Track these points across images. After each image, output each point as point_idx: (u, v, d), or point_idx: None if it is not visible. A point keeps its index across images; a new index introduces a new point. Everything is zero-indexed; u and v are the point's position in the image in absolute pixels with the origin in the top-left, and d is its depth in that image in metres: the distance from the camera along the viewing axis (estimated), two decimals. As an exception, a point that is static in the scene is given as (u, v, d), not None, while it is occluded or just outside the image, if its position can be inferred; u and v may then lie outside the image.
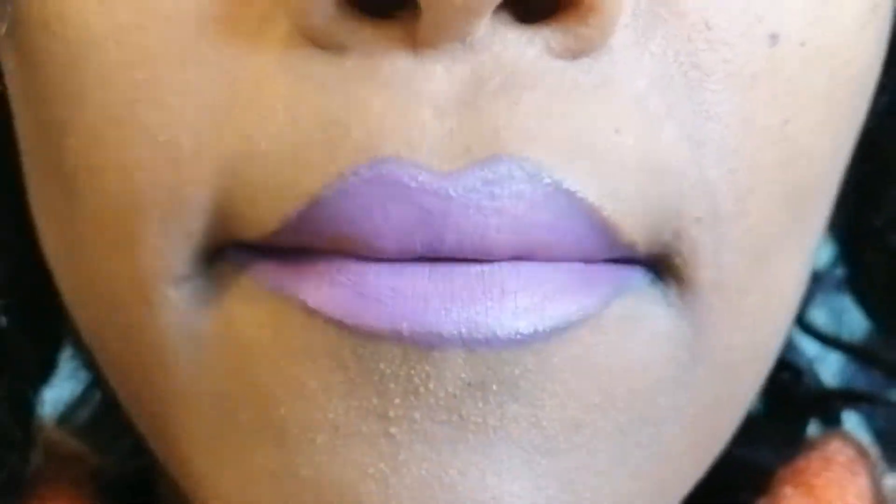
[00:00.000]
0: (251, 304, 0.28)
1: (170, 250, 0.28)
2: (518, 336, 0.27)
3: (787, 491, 0.37)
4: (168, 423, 0.31)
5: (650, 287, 0.29)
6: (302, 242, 0.27)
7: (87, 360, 0.42)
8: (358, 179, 0.26)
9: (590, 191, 0.27)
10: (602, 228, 0.27)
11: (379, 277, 0.27)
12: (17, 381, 0.38)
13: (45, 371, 0.41)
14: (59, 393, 0.43)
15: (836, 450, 0.38)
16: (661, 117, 0.27)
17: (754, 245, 0.29)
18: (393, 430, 0.28)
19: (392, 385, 0.27)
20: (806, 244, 0.32)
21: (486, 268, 0.27)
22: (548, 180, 0.27)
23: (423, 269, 0.27)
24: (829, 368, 0.43)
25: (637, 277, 0.28)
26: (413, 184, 0.26)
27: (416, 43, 0.26)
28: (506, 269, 0.27)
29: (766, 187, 0.29)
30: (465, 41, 0.26)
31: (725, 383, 0.31)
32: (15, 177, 0.33)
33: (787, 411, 0.42)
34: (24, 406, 0.39)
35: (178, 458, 0.31)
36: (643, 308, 0.29)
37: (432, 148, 0.26)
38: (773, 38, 0.28)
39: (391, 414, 0.28)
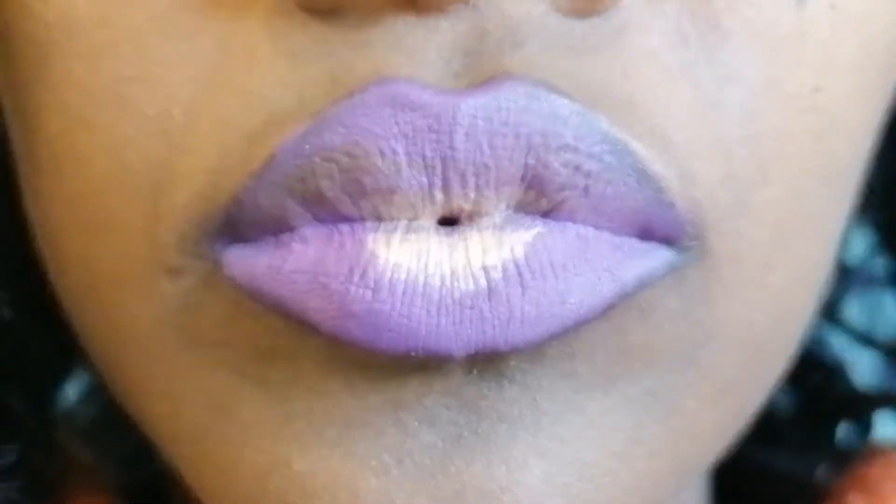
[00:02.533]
0: (253, 320, 0.27)
1: (160, 231, 0.27)
2: (524, 345, 0.26)
3: (852, 497, 0.37)
4: (154, 417, 0.31)
5: (667, 272, 0.27)
6: (301, 174, 0.26)
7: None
8: (367, 94, 0.26)
9: (601, 113, 0.26)
10: (622, 151, 0.26)
11: (391, 306, 0.26)
12: (34, 381, 0.38)
13: (62, 368, 0.40)
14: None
15: None
16: (674, 75, 0.27)
17: (779, 217, 0.28)
18: (402, 414, 0.27)
19: (407, 384, 0.27)
20: (835, 222, 0.31)
21: (494, 284, 0.26)
22: (557, 100, 0.26)
23: (435, 294, 0.26)
24: (865, 366, 0.42)
25: (659, 266, 0.27)
26: (423, 95, 0.26)
27: (416, 5, 0.25)
28: (512, 286, 0.26)
29: (794, 157, 0.28)
30: (468, 1, 0.25)
31: (745, 362, 0.30)
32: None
33: (817, 412, 0.41)
34: (43, 405, 0.38)
35: (168, 450, 0.31)
36: (656, 297, 0.27)
37: (440, 79, 0.26)
38: (801, 1, 0.27)
39: (404, 403, 0.27)
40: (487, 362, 0.27)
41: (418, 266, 0.26)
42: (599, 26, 0.26)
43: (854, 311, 0.41)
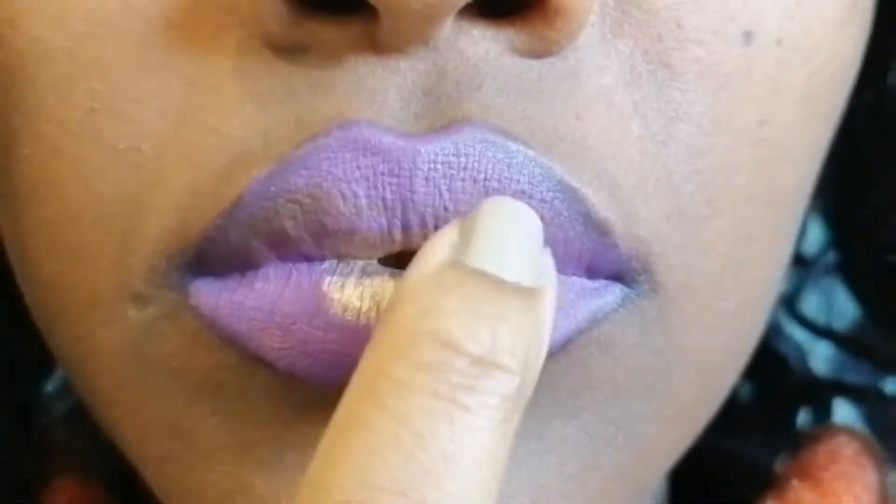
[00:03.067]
0: (208, 353, 0.28)
1: (131, 262, 0.28)
2: None
3: (794, 484, 0.37)
4: (121, 439, 0.31)
5: (622, 306, 0.28)
6: (266, 215, 0.26)
7: None
8: (330, 138, 0.26)
9: (554, 161, 0.26)
10: (571, 197, 0.27)
11: (341, 346, 0.26)
12: (15, 381, 0.38)
13: (43, 366, 0.40)
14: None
15: (843, 443, 0.37)
16: (626, 113, 0.27)
17: (728, 247, 0.29)
18: None
19: None
20: (783, 243, 0.31)
21: None
22: (514, 146, 0.26)
23: None
24: (820, 355, 0.43)
25: (610, 301, 0.28)
26: (384, 139, 0.26)
27: (377, 46, 0.26)
28: None
29: (741, 188, 0.28)
30: (428, 43, 0.26)
31: (703, 384, 0.30)
32: None
33: (775, 400, 0.42)
34: (25, 403, 0.39)
35: (138, 469, 0.31)
36: (614, 332, 0.28)
37: (400, 122, 0.26)
38: (748, 37, 0.27)
39: None
40: None
41: (369, 307, 0.26)
42: (555, 66, 0.26)
43: (811, 302, 0.42)
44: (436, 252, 0.24)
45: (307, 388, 0.27)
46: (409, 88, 0.26)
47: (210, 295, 0.27)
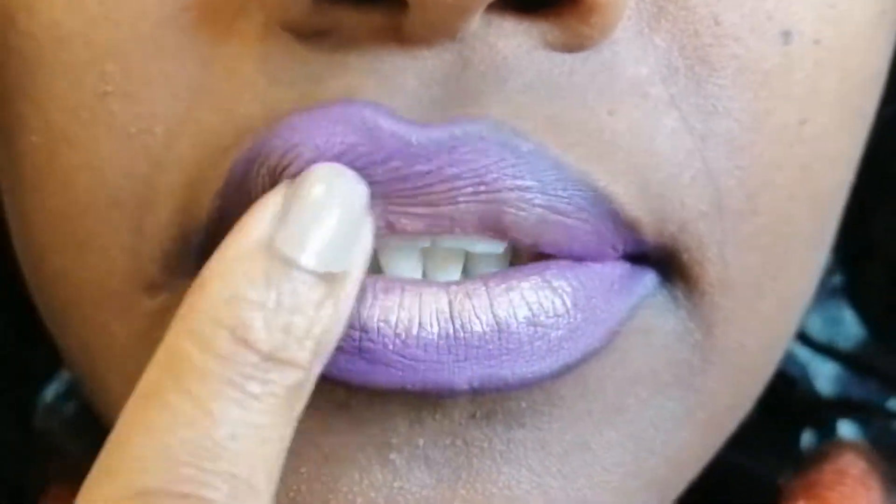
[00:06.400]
0: None
1: (145, 248, 0.28)
2: (529, 380, 0.27)
3: None
4: None
5: (659, 292, 0.28)
6: (248, 186, 0.26)
7: None
8: (329, 111, 0.26)
9: (579, 159, 0.26)
10: (596, 196, 0.26)
11: (383, 345, 0.26)
12: (18, 386, 0.38)
13: (46, 369, 0.40)
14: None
15: (849, 462, 0.37)
16: (662, 106, 0.27)
17: (769, 245, 0.28)
18: (393, 455, 0.27)
19: (399, 418, 0.27)
20: (820, 248, 0.31)
21: (502, 329, 0.26)
22: (524, 146, 0.26)
23: (434, 333, 0.26)
24: (826, 374, 0.43)
25: (648, 285, 0.28)
26: (380, 120, 0.26)
27: (401, 36, 0.26)
28: (522, 328, 0.26)
29: (782, 188, 0.28)
30: (455, 37, 0.26)
31: (737, 387, 0.30)
32: None
33: (780, 419, 0.42)
34: (24, 410, 0.39)
35: None
36: (653, 318, 0.28)
37: (411, 106, 0.26)
38: (786, 36, 0.27)
39: (393, 441, 0.27)
40: (494, 403, 0.27)
41: (411, 315, 0.26)
42: (588, 59, 0.26)
43: (816, 322, 0.42)
44: (256, 224, 0.25)
45: (331, 393, 0.27)
46: (430, 75, 0.26)
47: None
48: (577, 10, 0.25)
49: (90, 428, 0.38)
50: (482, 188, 0.26)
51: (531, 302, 0.26)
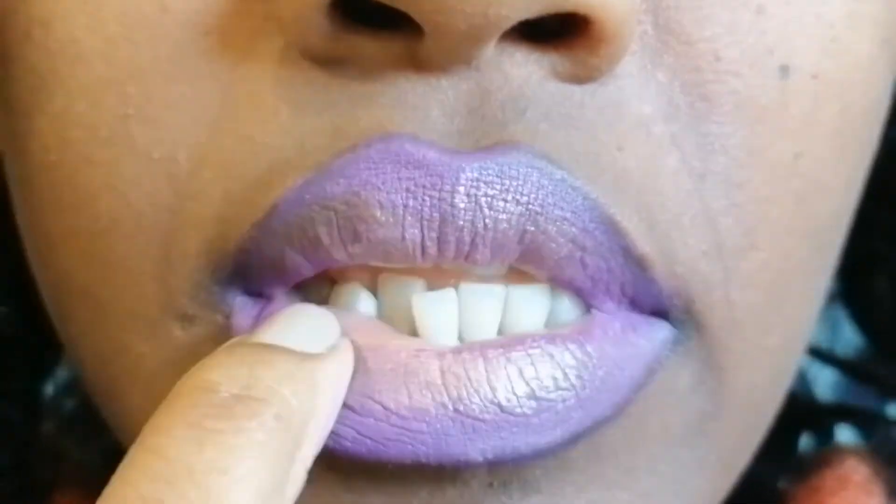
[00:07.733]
0: None
1: (173, 279, 0.28)
2: (542, 451, 0.27)
3: None
4: None
5: (673, 350, 0.28)
6: (301, 223, 0.26)
7: None
8: (371, 149, 0.26)
9: (598, 191, 0.26)
10: (612, 230, 0.27)
11: (397, 421, 0.26)
12: (21, 382, 0.38)
13: (46, 365, 0.40)
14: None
15: (852, 468, 0.37)
16: (665, 145, 0.27)
17: (771, 279, 0.28)
18: None
19: (418, 486, 0.27)
20: (822, 276, 0.31)
21: (503, 404, 0.26)
22: (559, 174, 0.26)
23: (441, 402, 0.26)
24: (825, 381, 0.43)
25: (662, 340, 0.28)
26: (428, 154, 0.26)
27: (418, 63, 0.26)
28: (524, 402, 0.26)
29: (779, 221, 0.28)
30: (471, 64, 0.26)
31: (747, 426, 0.30)
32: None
33: (779, 424, 0.41)
34: (31, 404, 0.39)
35: None
36: (668, 379, 0.28)
37: (441, 136, 0.26)
38: (784, 70, 0.27)
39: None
40: (510, 472, 0.27)
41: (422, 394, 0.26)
42: (596, 94, 0.26)
43: (815, 329, 0.41)
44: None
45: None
46: (452, 106, 0.26)
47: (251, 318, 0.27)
48: (586, 40, 0.26)
49: (90, 428, 0.39)
50: (528, 219, 0.26)
51: (529, 378, 0.26)
